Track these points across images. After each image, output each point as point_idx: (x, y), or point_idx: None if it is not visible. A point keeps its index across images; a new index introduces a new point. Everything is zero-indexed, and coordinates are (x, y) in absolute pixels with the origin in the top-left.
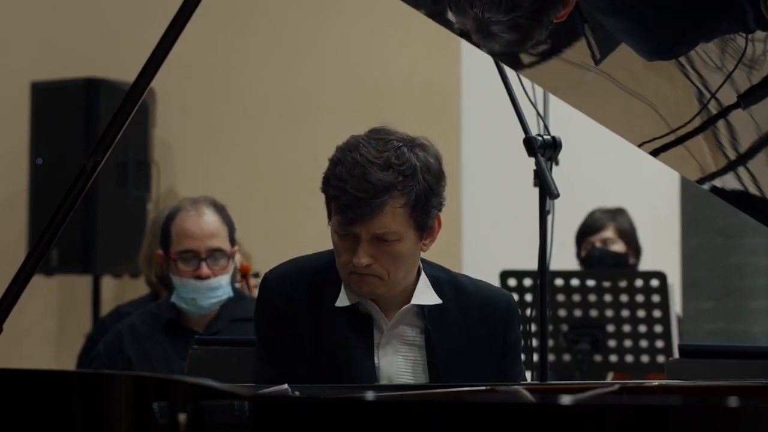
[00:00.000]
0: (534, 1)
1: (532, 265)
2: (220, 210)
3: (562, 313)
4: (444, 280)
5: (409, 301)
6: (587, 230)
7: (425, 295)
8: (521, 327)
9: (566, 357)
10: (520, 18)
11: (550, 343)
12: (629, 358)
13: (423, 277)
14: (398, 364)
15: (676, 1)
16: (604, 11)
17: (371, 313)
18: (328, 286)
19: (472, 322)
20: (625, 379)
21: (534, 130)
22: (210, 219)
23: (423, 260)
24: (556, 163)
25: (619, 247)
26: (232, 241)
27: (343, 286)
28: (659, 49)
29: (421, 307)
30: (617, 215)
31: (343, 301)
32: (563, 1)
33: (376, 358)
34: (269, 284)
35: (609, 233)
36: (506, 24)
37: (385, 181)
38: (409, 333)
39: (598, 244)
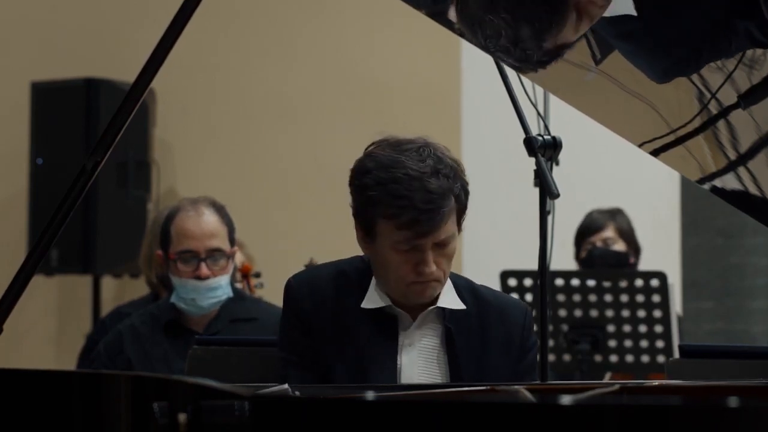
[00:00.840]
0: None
1: (532, 265)
2: (220, 210)
3: (562, 313)
4: (463, 286)
5: (434, 303)
6: (586, 231)
7: (449, 298)
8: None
9: (566, 357)
10: (526, 53)
11: (551, 343)
12: (629, 358)
13: (448, 281)
14: (419, 364)
15: (684, 23)
16: (615, 37)
17: (397, 315)
18: (352, 289)
19: (490, 326)
20: (625, 380)
21: (534, 130)
22: (210, 219)
23: None
24: (557, 163)
25: (619, 246)
26: (232, 241)
27: (371, 289)
28: (670, 71)
29: (442, 309)
30: (616, 215)
31: (369, 303)
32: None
33: (399, 359)
34: (292, 290)
35: (609, 233)
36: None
37: (444, 187)
38: (430, 334)
39: (599, 244)
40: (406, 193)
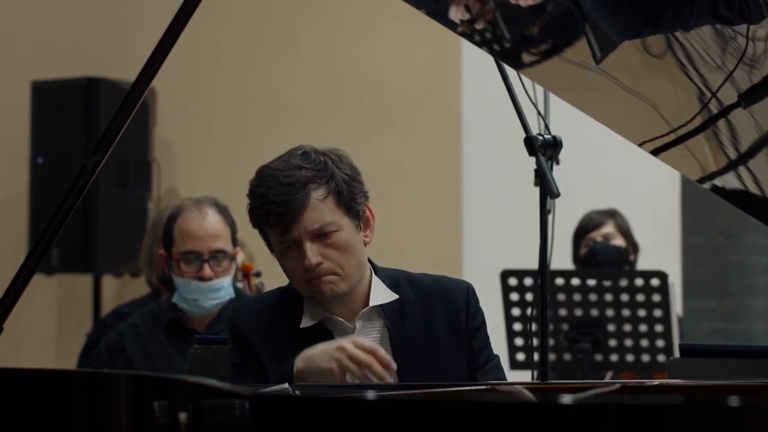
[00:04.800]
0: None
1: (533, 264)
2: (223, 210)
3: (562, 312)
4: (401, 277)
5: (368, 304)
6: (585, 228)
7: (380, 294)
8: (523, 326)
9: (567, 356)
10: None
11: (551, 342)
12: (630, 358)
13: (374, 278)
14: None
15: None
16: None
17: (337, 326)
18: (288, 315)
19: (434, 313)
20: (629, 379)
21: (534, 130)
22: (213, 220)
23: (375, 265)
24: (557, 163)
25: (619, 242)
26: (234, 242)
27: (305, 307)
28: (628, 30)
29: (382, 307)
30: (614, 213)
31: (306, 321)
32: None
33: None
34: (234, 321)
35: (609, 228)
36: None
37: (302, 177)
38: (375, 335)
39: (599, 239)
40: (265, 191)
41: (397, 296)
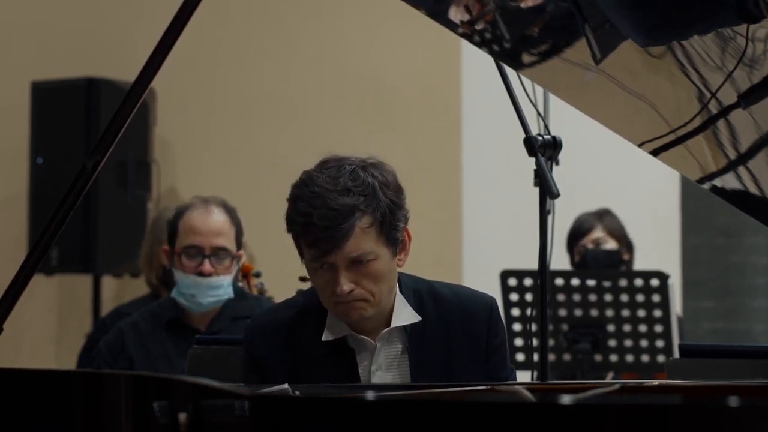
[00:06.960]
0: None
1: (533, 264)
2: (230, 211)
3: (562, 312)
4: (424, 291)
5: (389, 323)
6: (576, 234)
7: (403, 314)
8: (523, 326)
9: (566, 357)
10: None
11: (551, 342)
12: (630, 358)
13: (398, 296)
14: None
15: None
16: None
17: (359, 344)
18: (309, 326)
19: (454, 330)
20: (630, 379)
21: (534, 130)
22: (218, 218)
23: (400, 273)
24: (557, 163)
25: (611, 245)
26: (239, 244)
27: (327, 319)
28: (654, 34)
29: (404, 327)
30: (603, 215)
31: (328, 335)
32: None
33: None
34: (249, 336)
35: (599, 233)
36: None
37: (348, 205)
38: (395, 355)
39: (590, 246)
40: (308, 210)
41: (420, 319)
